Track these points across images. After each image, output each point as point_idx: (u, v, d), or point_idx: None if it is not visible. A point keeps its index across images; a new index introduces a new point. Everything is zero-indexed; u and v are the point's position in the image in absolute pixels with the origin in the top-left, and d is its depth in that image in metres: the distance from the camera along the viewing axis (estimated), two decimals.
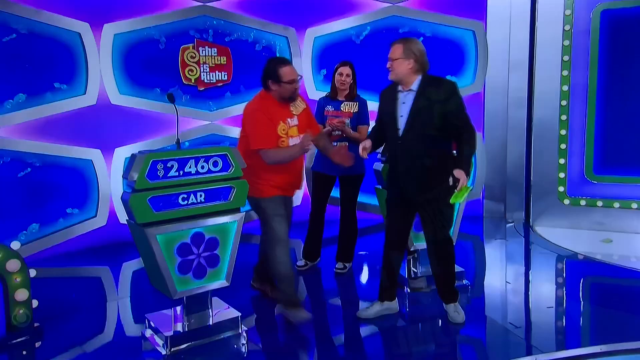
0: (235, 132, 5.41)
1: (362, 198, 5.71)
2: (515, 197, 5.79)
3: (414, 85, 2.95)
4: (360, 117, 3.96)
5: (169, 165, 2.73)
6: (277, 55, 5.58)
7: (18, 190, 4.52)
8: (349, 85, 3.95)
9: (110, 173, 4.91)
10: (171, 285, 2.78)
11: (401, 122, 2.96)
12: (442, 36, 5.77)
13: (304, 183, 5.74)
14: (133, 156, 2.72)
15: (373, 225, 5.49)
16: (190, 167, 2.80)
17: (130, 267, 4.48)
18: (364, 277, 4.21)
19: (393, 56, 2.95)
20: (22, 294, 3.14)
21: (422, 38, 5.74)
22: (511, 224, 5.64)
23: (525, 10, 5.55)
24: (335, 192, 4.16)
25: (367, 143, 3.15)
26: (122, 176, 2.77)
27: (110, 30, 4.80)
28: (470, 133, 2.96)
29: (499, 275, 4.26)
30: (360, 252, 4.70)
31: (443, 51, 5.78)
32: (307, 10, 5.57)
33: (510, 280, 4.07)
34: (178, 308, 3.00)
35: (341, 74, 3.93)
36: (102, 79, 4.80)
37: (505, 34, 5.68)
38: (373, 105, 3.63)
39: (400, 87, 3.00)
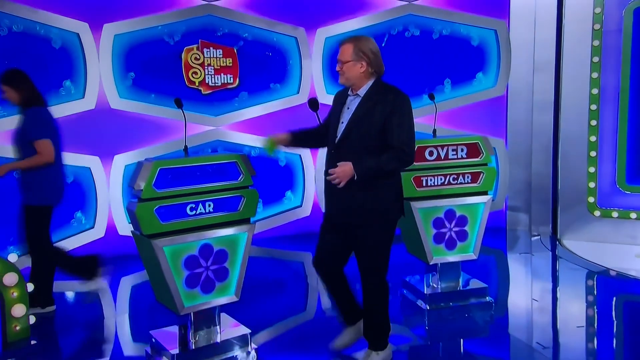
0: (242, 138, 5.51)
1: None
2: (541, 208, 5.83)
3: (362, 91, 2.79)
4: (26, 132, 3.54)
5: None
6: (287, 57, 5.68)
7: (10, 199, 4.61)
8: (14, 99, 3.61)
9: (109, 181, 5.02)
10: (178, 300, 2.86)
11: (340, 129, 2.79)
12: (461, 36, 5.86)
13: (315, 192, 5.84)
14: (139, 164, 2.82)
15: None
16: None
17: (129, 281, 4.56)
18: None
19: (343, 58, 2.78)
20: (19, 310, 3.23)
21: (440, 37, 5.83)
22: (537, 237, 5.67)
23: (552, 7, 5.62)
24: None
25: (281, 134, 2.92)
26: (128, 185, 2.87)
27: (110, 30, 4.92)
28: (405, 155, 2.69)
29: (524, 292, 4.30)
30: None
31: (463, 52, 5.86)
32: (318, 9, 5.66)
33: (537, 298, 4.11)
34: (184, 325, 3.07)
35: None
36: (102, 82, 4.92)
37: (529, 33, 5.75)
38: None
39: (350, 90, 2.86)
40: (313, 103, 3.07)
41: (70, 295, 4.37)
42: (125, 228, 5.02)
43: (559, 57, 5.62)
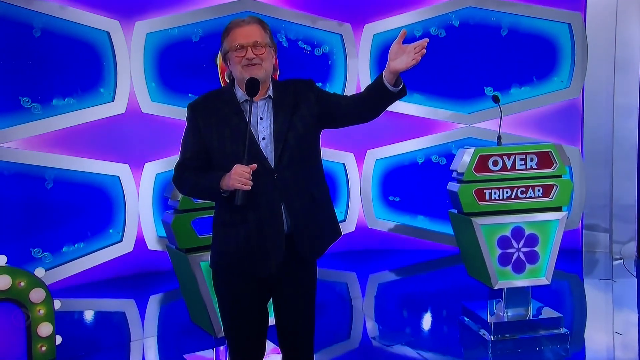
0: None
1: (432, 226, 5.85)
2: (624, 227, 5.69)
3: (269, 91, 2.30)
4: None
5: None
6: (330, 57, 5.76)
7: (35, 210, 4.85)
8: None
9: (139, 191, 5.19)
10: (215, 322, 2.94)
11: (267, 148, 2.23)
12: (529, 31, 5.81)
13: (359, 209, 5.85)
14: None
15: (445, 257, 5.56)
16: None
17: (157, 300, 4.70)
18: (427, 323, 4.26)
19: (262, 40, 2.22)
20: (46, 329, 3.35)
21: (505, 32, 5.81)
22: (619, 261, 5.54)
23: None
24: None
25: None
26: (164, 194, 2.99)
27: (143, 28, 5.12)
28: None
29: (605, 323, 4.22)
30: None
31: (531, 49, 5.81)
32: (365, 2, 5.74)
33: (620, 331, 4.01)
34: (221, 348, 3.15)
35: None
36: (133, 84, 5.12)
37: (609, 27, 5.65)
38: None
39: (242, 94, 2.26)
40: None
41: (97, 315, 4.54)
42: (155, 242, 5.19)
43: None
